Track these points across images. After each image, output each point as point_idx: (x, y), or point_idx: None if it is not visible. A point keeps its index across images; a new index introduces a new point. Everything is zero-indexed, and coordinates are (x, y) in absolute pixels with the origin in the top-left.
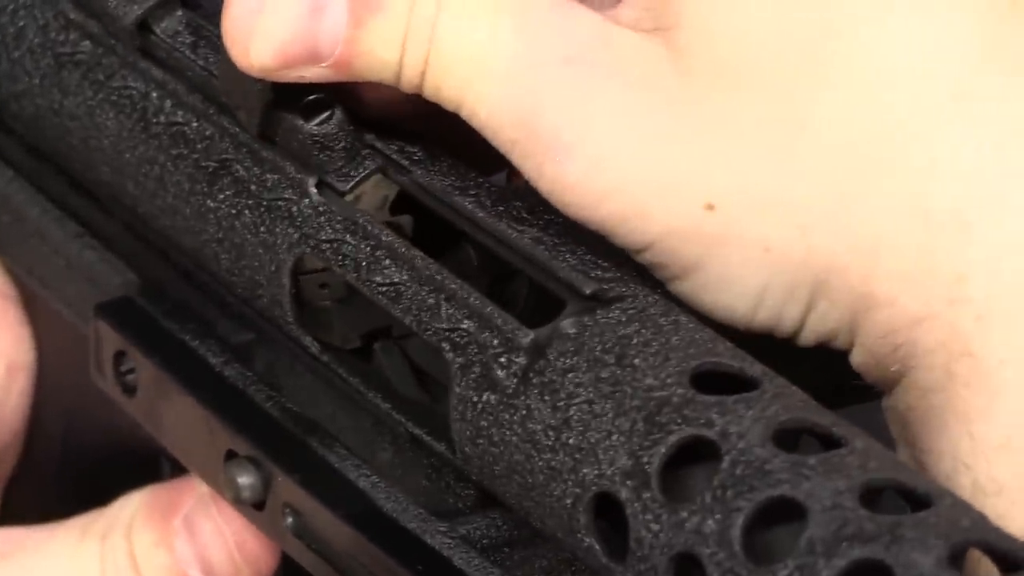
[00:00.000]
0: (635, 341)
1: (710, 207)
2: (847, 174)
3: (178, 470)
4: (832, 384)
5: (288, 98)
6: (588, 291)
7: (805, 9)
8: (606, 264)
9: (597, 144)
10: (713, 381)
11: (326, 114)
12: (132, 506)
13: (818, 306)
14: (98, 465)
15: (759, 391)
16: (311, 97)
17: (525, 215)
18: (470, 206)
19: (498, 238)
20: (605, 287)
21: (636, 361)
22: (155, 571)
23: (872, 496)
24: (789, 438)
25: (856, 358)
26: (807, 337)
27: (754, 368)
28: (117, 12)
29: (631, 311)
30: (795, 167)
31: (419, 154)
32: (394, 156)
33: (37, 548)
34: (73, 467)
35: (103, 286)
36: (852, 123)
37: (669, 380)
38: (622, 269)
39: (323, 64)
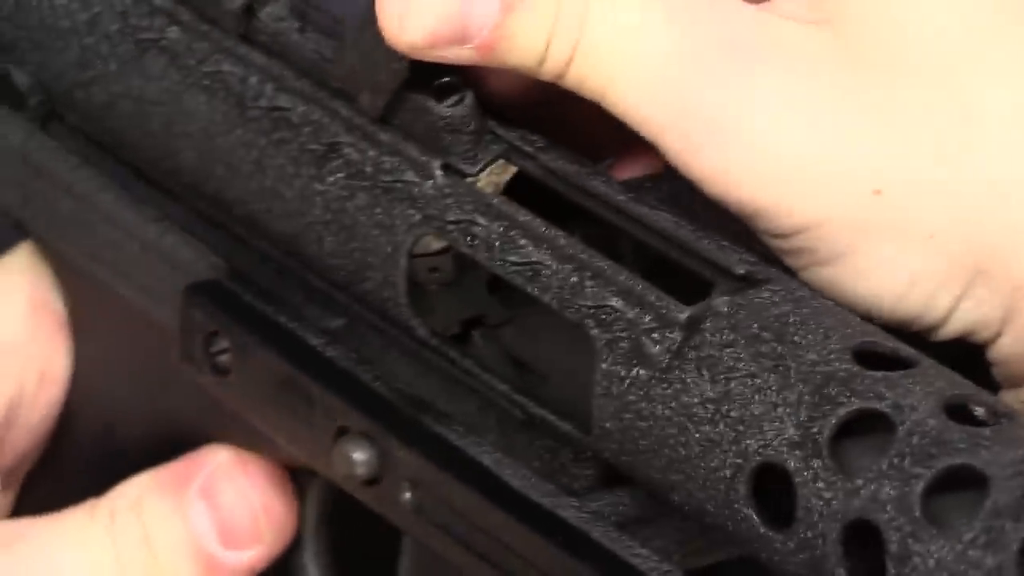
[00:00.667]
0: (792, 320)
1: (877, 192)
2: (1016, 165)
3: None
4: None
5: (422, 79)
6: (741, 271)
7: (979, 8)
8: (742, 249)
9: (763, 128)
10: (872, 359)
11: (457, 97)
12: (139, 484)
13: (974, 293)
14: (136, 470)
15: (920, 368)
16: (444, 80)
17: (654, 203)
18: (606, 189)
19: (639, 220)
20: (754, 268)
21: (796, 338)
22: (168, 545)
23: None
24: (957, 412)
25: (1002, 348)
26: (951, 328)
27: (907, 349)
28: None
29: (782, 292)
30: (965, 157)
31: (540, 141)
32: (516, 142)
33: (40, 535)
34: (109, 473)
35: (187, 270)
36: (1020, 118)
37: (832, 356)
38: (756, 255)
39: (468, 46)
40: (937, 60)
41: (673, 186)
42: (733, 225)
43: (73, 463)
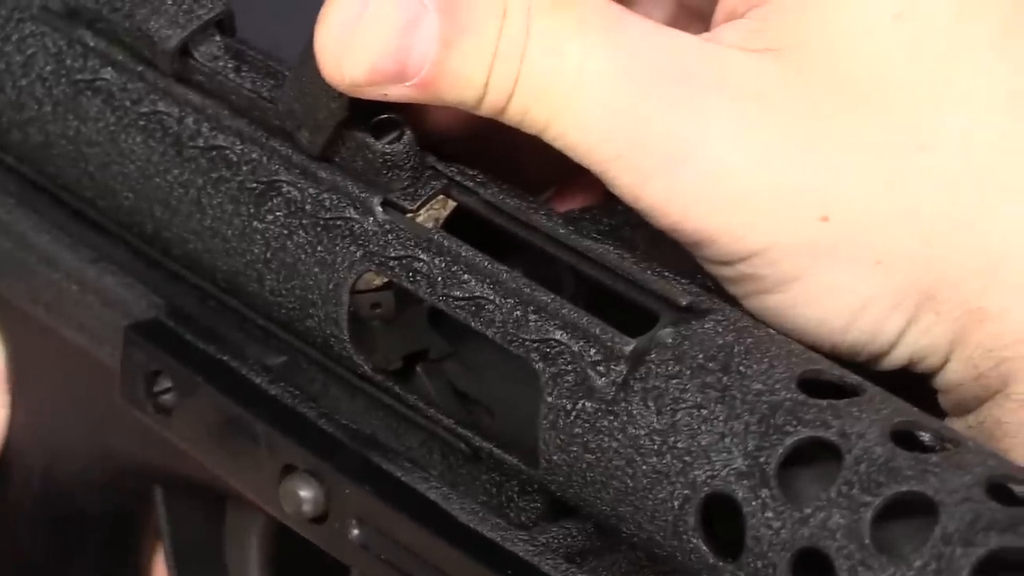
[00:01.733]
0: (737, 349)
1: (824, 219)
2: (971, 191)
3: (173, 498)
4: None
5: (361, 116)
6: (684, 302)
7: (928, 36)
8: (684, 281)
9: (713, 155)
10: (817, 388)
11: (396, 133)
12: None
13: (922, 320)
14: (77, 506)
15: (866, 396)
16: (382, 116)
17: (596, 236)
18: (548, 223)
19: (584, 254)
20: (698, 299)
21: (741, 368)
22: None
23: (994, 491)
24: (904, 438)
25: (950, 375)
26: (899, 354)
27: (852, 377)
28: (159, 36)
29: (725, 323)
30: (916, 184)
31: (479, 176)
32: (456, 177)
33: None
34: (55, 513)
35: (127, 309)
36: (976, 143)
37: (778, 386)
38: (699, 286)
39: (408, 83)
40: (889, 87)
41: (612, 220)
42: (674, 258)
43: (17, 504)
